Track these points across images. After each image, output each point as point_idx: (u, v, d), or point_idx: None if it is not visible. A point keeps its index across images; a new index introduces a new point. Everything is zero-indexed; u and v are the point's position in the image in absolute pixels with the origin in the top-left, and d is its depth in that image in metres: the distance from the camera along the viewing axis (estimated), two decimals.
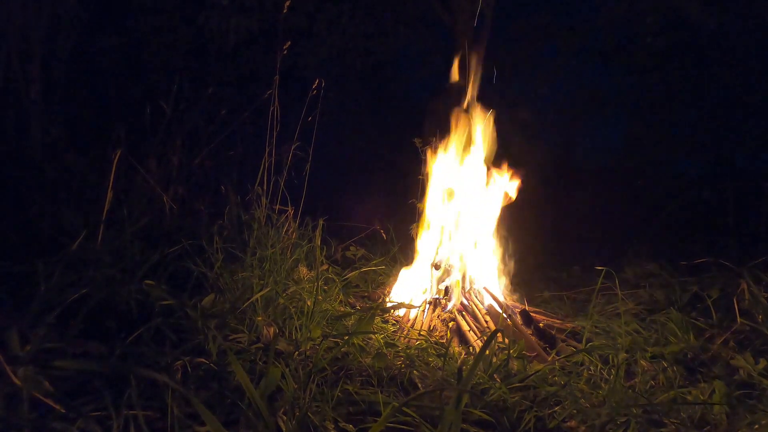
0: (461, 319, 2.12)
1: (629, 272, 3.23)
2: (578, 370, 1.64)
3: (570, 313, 2.63)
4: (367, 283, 2.69)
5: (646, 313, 2.32)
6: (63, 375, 1.11)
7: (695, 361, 1.80)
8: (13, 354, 1.07)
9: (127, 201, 2.19)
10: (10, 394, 0.98)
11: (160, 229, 2.31)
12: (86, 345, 1.31)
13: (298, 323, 1.63)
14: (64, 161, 2.57)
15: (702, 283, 2.60)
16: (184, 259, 1.80)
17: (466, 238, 2.51)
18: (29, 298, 1.35)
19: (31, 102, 2.80)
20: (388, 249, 3.20)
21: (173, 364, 1.25)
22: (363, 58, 5.68)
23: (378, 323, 2.04)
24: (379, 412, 1.23)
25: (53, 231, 1.97)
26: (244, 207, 2.27)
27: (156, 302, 1.47)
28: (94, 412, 1.01)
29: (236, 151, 3.77)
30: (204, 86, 3.70)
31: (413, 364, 1.57)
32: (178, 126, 2.90)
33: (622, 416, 1.29)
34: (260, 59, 4.74)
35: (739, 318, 1.97)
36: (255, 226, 2.05)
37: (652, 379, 1.61)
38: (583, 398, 1.41)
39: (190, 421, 1.06)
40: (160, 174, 2.63)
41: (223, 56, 4.51)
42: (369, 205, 4.27)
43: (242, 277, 1.77)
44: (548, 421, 1.30)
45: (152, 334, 1.35)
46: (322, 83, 2.40)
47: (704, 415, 1.37)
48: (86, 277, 1.54)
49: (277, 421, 1.09)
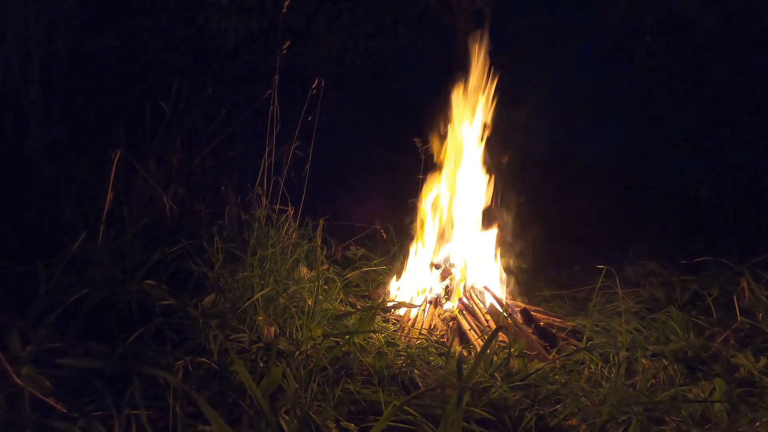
0: (462, 318, 2.13)
1: (629, 271, 3.23)
2: (579, 368, 1.64)
3: (570, 311, 2.63)
4: (367, 282, 2.69)
5: (647, 311, 2.32)
6: (64, 375, 1.11)
7: (696, 359, 1.80)
8: (15, 354, 1.07)
9: (127, 201, 2.19)
10: (12, 393, 0.98)
11: (161, 229, 2.31)
12: (87, 345, 1.31)
13: (299, 323, 1.63)
14: (64, 161, 2.56)
15: (702, 281, 2.60)
16: (184, 259, 1.80)
17: (466, 237, 2.51)
18: (30, 299, 1.35)
19: (30, 102, 2.79)
20: (388, 248, 3.20)
21: (174, 364, 1.25)
22: (362, 57, 5.67)
23: (379, 323, 2.04)
24: (381, 411, 1.23)
25: (53, 231, 1.97)
26: (244, 207, 2.27)
27: (157, 302, 1.47)
28: (95, 412, 1.01)
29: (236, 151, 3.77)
30: (204, 86, 3.70)
31: (414, 363, 1.57)
32: (177, 126, 2.90)
33: (623, 414, 1.29)
34: (260, 59, 4.74)
35: (740, 316, 1.98)
36: (255, 225, 2.05)
37: (652, 378, 1.61)
38: (584, 396, 1.41)
39: (191, 421, 1.06)
40: (160, 174, 2.63)
41: (223, 56, 4.52)
42: (369, 205, 4.27)
43: (243, 277, 1.77)
44: (549, 420, 1.30)
45: (153, 334, 1.35)
46: (322, 83, 2.40)
47: (705, 412, 1.37)
48: (87, 277, 1.54)
49: (279, 421, 1.09)
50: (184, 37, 4.30)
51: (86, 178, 2.40)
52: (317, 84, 2.39)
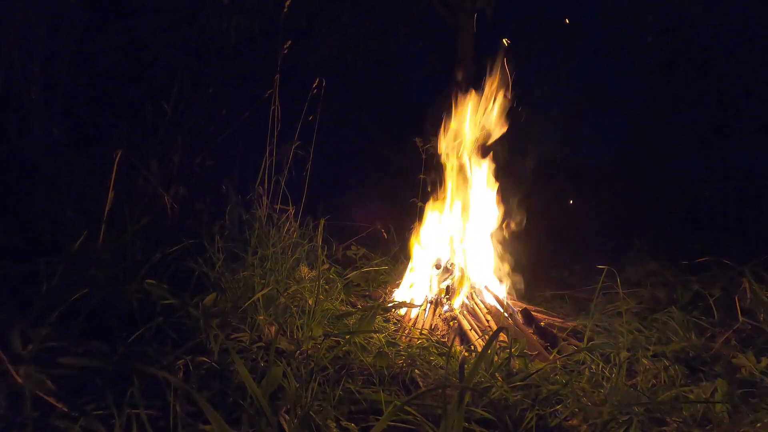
0: (462, 319, 2.12)
1: (631, 271, 3.23)
2: (580, 368, 1.64)
3: (571, 312, 2.63)
4: (368, 282, 2.69)
5: (648, 312, 2.32)
6: (65, 374, 1.11)
7: (697, 359, 1.80)
8: (16, 353, 1.07)
9: (128, 200, 2.19)
10: (13, 392, 0.98)
11: (162, 229, 2.31)
12: (88, 344, 1.31)
13: (300, 322, 1.63)
14: (65, 161, 2.57)
15: (703, 281, 2.60)
16: (185, 259, 1.80)
17: (467, 237, 2.51)
18: (31, 298, 1.35)
19: (32, 102, 2.80)
20: (389, 248, 3.20)
21: (175, 363, 1.25)
22: (363, 57, 5.67)
23: (379, 322, 2.03)
24: (381, 410, 1.23)
25: (55, 230, 1.97)
26: (245, 206, 2.27)
27: (157, 301, 1.47)
28: (96, 411, 1.01)
29: (237, 150, 3.78)
30: (205, 86, 3.70)
31: (415, 363, 1.57)
32: (178, 125, 2.90)
33: (624, 415, 1.29)
34: (261, 59, 4.74)
35: (741, 316, 1.97)
36: (256, 225, 2.05)
37: (653, 378, 1.61)
38: (584, 397, 1.41)
39: (192, 420, 1.06)
40: (161, 173, 2.63)
41: (224, 56, 4.52)
42: (370, 205, 4.27)
43: (243, 277, 1.77)
44: (550, 420, 1.30)
45: (154, 334, 1.35)
46: (323, 82, 2.40)
47: (706, 413, 1.36)
48: (88, 276, 1.54)
49: (280, 420, 1.09)
50: (185, 37, 4.30)
51: (87, 178, 2.41)
52: (318, 84, 2.39)
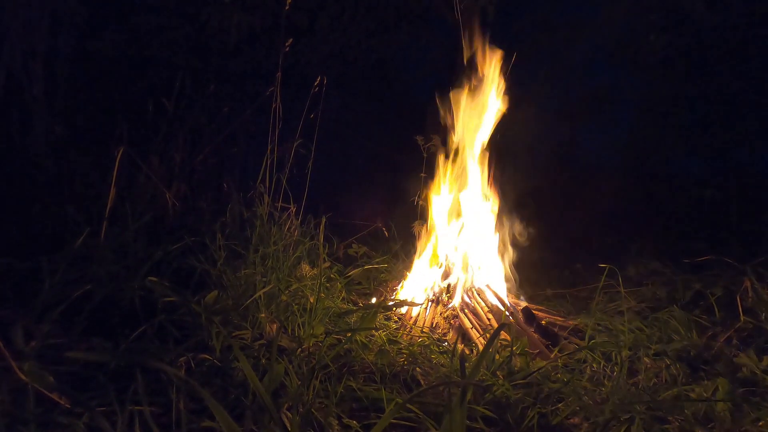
0: (464, 317, 2.12)
1: (632, 270, 3.23)
2: (581, 367, 1.64)
3: (572, 310, 2.63)
4: (369, 280, 2.69)
5: (649, 310, 2.32)
6: (68, 370, 1.11)
7: (698, 358, 1.80)
8: (19, 349, 1.08)
9: (130, 198, 2.20)
10: (16, 388, 0.98)
11: (163, 226, 2.31)
12: (90, 341, 1.32)
13: (301, 320, 1.63)
14: (67, 158, 2.57)
15: (705, 280, 2.60)
16: (187, 256, 1.80)
17: (468, 236, 2.51)
18: (34, 295, 1.35)
19: (33, 99, 2.80)
20: (390, 247, 3.20)
21: (177, 360, 1.25)
22: (365, 55, 5.67)
23: (380, 320, 2.04)
24: (383, 408, 1.23)
25: (57, 228, 1.98)
26: (246, 204, 2.27)
27: (159, 299, 1.47)
28: (99, 407, 1.01)
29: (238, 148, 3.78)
30: (206, 83, 3.70)
31: (416, 361, 1.57)
32: (180, 123, 2.90)
33: (626, 413, 1.29)
34: (262, 56, 4.73)
35: (743, 315, 1.97)
36: (257, 223, 2.05)
37: (655, 377, 1.61)
38: (586, 395, 1.41)
39: (194, 416, 1.06)
40: (163, 171, 2.63)
41: (226, 53, 4.51)
42: (371, 203, 4.27)
43: (245, 274, 1.78)
44: (551, 418, 1.30)
45: (156, 331, 1.36)
46: (324, 80, 2.39)
47: (708, 412, 1.36)
48: (90, 273, 1.54)
49: (282, 417, 1.09)
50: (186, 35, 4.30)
51: (89, 175, 2.41)
52: (319, 81, 2.39)
